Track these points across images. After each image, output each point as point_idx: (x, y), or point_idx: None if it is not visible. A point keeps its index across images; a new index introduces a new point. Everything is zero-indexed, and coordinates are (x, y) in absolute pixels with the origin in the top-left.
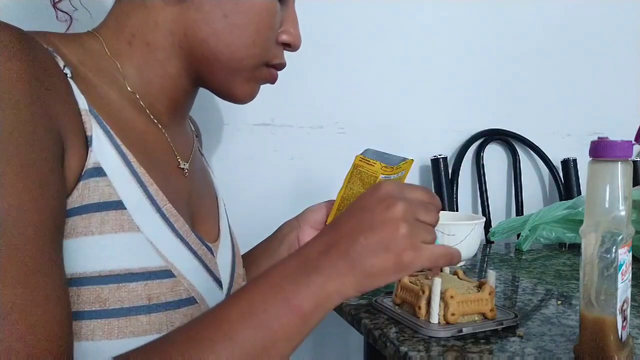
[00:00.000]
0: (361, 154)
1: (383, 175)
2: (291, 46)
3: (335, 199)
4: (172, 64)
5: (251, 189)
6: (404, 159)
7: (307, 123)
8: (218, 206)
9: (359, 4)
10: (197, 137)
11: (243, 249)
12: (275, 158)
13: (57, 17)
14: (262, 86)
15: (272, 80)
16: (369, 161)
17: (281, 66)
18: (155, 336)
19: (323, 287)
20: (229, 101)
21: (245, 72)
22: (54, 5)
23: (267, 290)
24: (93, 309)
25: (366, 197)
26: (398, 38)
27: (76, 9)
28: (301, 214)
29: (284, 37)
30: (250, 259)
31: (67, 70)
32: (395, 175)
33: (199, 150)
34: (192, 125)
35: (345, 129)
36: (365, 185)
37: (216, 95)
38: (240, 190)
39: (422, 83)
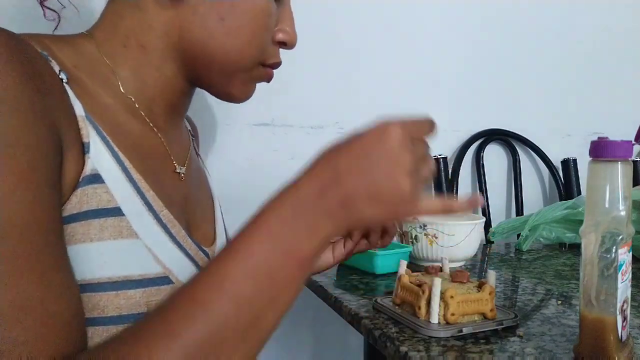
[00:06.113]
0: None
1: None
2: (287, 45)
3: None
4: (168, 66)
5: (251, 189)
6: None
7: (307, 123)
8: (214, 209)
9: (359, 3)
10: (193, 137)
11: None
12: (275, 158)
13: (44, 15)
14: (262, 86)
15: (268, 79)
16: None
17: (277, 65)
18: None
19: (320, 232)
20: (226, 100)
21: (241, 72)
22: (41, 4)
23: (266, 241)
24: (92, 316)
25: (372, 141)
26: (398, 38)
27: (64, 7)
28: None
29: (280, 36)
30: None
31: (62, 75)
32: None
33: (195, 150)
34: (188, 125)
35: (345, 129)
36: None
37: (212, 95)
38: (240, 190)
39: (422, 83)
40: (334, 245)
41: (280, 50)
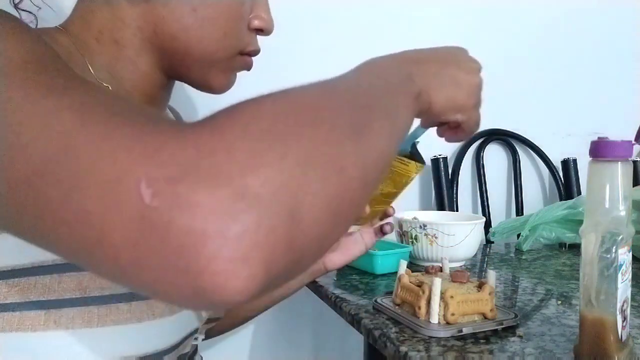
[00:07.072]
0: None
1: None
2: (264, 31)
3: None
4: (143, 60)
5: None
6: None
7: None
8: None
9: (360, 3)
10: None
11: None
12: None
13: (20, 18)
14: (262, 86)
15: (247, 67)
16: (403, 161)
17: (255, 53)
18: (137, 325)
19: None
20: (207, 92)
21: (219, 63)
22: (16, 7)
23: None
24: (74, 296)
25: (457, 52)
26: (398, 38)
27: (39, 8)
28: None
29: (256, 23)
30: None
31: None
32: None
33: None
34: (172, 116)
35: None
36: (397, 185)
37: (193, 87)
38: None
39: None
40: (362, 234)
41: (281, 49)
